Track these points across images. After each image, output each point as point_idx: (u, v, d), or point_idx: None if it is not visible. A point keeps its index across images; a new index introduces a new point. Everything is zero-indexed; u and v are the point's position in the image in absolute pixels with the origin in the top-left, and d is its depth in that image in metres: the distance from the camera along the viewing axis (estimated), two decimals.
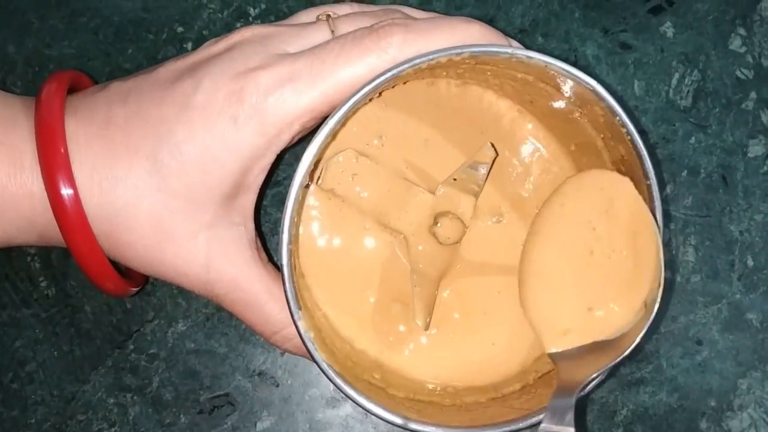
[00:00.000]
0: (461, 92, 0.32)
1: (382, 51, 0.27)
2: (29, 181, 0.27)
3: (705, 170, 0.38)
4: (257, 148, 0.27)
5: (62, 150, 0.26)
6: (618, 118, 0.27)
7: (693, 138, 0.38)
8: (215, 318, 0.36)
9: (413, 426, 0.27)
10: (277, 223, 0.37)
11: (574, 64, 0.38)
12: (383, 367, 0.31)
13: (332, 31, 0.29)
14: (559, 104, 0.30)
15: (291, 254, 0.27)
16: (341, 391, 0.27)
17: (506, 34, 0.29)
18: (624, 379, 0.37)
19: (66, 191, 0.26)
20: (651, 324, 0.27)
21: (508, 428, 0.28)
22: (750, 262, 0.38)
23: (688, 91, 0.38)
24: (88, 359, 0.35)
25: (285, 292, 0.27)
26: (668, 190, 0.38)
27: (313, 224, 0.32)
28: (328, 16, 0.30)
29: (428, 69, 0.27)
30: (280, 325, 0.30)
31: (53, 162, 0.26)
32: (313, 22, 0.30)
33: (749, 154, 0.38)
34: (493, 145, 0.31)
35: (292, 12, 0.37)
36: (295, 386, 0.36)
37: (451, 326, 0.32)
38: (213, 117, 0.27)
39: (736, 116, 0.38)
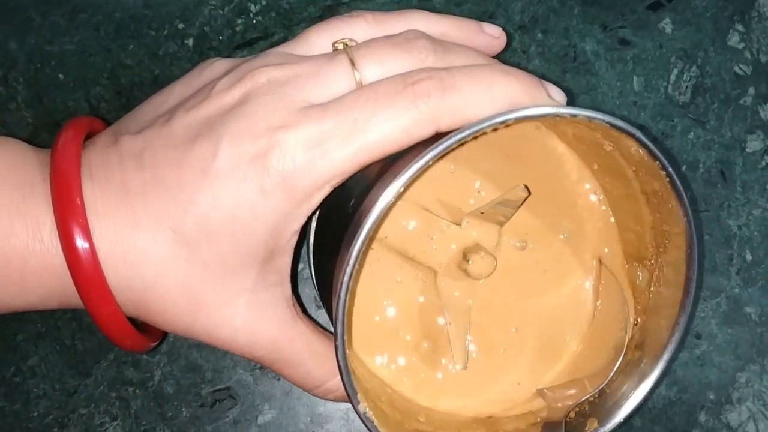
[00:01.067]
0: None
1: (417, 111, 0.25)
2: (50, 254, 0.26)
3: (704, 165, 0.38)
4: (287, 215, 0.26)
5: (81, 220, 0.25)
6: (658, 162, 0.26)
7: (692, 133, 0.38)
8: None
9: None
10: None
11: (574, 60, 0.38)
12: (424, 409, 0.31)
13: (353, 63, 0.27)
14: (588, 136, 0.29)
15: (345, 345, 0.25)
16: None
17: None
18: None
19: (84, 253, 0.25)
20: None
21: None
22: (748, 257, 0.38)
23: (686, 87, 0.39)
24: (90, 353, 0.36)
25: (343, 382, 0.25)
26: None
27: None
28: (345, 45, 0.28)
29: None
30: (322, 379, 0.29)
31: (71, 232, 0.25)
32: (331, 56, 0.28)
33: (747, 149, 0.38)
34: (526, 187, 0.30)
35: (292, 8, 0.38)
36: None
37: (477, 364, 0.32)
38: (238, 185, 0.25)
39: (734, 112, 0.38)
